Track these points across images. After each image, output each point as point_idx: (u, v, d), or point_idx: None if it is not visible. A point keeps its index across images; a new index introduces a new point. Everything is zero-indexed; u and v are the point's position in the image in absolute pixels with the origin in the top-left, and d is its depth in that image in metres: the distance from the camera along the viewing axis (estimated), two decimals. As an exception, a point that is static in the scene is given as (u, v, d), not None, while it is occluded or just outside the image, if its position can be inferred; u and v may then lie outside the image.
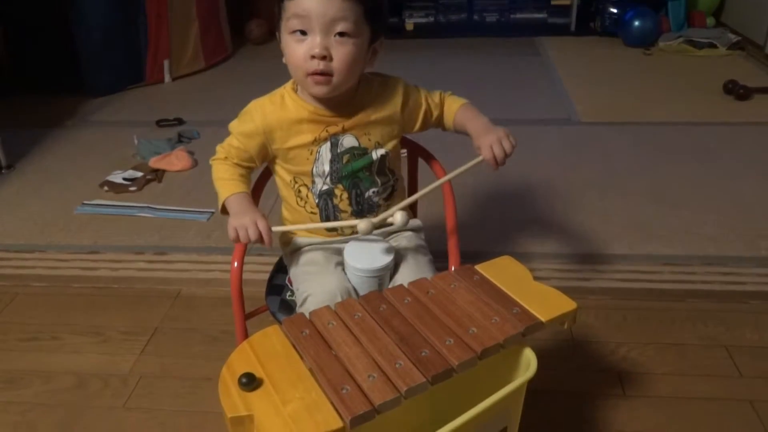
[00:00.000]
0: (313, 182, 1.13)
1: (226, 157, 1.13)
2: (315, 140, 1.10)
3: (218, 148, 1.15)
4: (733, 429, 1.26)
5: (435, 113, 1.20)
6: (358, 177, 1.13)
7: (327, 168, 1.11)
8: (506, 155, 1.08)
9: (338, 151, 1.11)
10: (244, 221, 1.04)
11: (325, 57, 1.01)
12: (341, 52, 1.01)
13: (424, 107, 1.19)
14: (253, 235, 1.03)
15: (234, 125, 1.13)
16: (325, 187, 1.13)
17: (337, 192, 1.13)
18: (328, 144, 1.10)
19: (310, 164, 1.11)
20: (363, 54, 1.05)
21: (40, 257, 1.91)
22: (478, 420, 0.79)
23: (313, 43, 1.00)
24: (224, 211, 1.11)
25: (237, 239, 1.04)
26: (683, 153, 2.44)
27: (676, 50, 3.70)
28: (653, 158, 2.40)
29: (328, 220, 1.15)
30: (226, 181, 1.11)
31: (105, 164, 2.48)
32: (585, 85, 3.26)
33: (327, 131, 1.10)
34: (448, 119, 1.21)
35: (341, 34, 1.00)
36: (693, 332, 1.52)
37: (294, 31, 1.01)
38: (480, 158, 1.10)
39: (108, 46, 3.22)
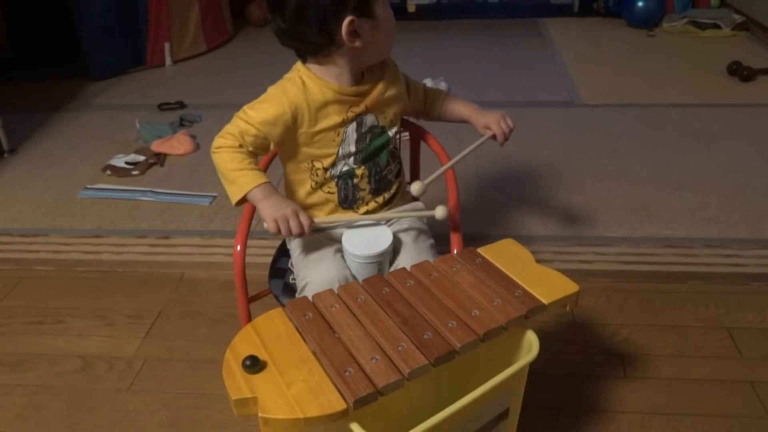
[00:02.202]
0: (334, 164, 1.12)
1: (240, 145, 1.05)
2: (343, 121, 1.09)
3: (223, 138, 1.07)
4: (734, 410, 1.27)
5: (419, 97, 1.25)
6: (379, 156, 1.15)
7: (353, 148, 1.12)
8: (511, 130, 1.19)
9: (362, 130, 1.12)
10: (285, 213, 1.02)
11: None
12: None
13: (412, 89, 1.23)
14: (296, 228, 1.02)
15: (252, 115, 1.06)
16: (346, 168, 1.13)
17: (358, 172, 1.14)
18: (354, 124, 1.11)
19: (336, 146, 1.11)
20: None
21: (44, 241, 1.91)
22: (480, 402, 0.79)
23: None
24: (241, 201, 1.06)
25: (278, 232, 1.02)
26: (686, 135, 2.43)
27: (680, 31, 3.67)
28: (656, 140, 2.39)
29: (346, 199, 1.16)
30: (246, 171, 1.05)
31: (107, 148, 2.48)
32: (588, 67, 3.24)
33: (352, 111, 1.10)
34: (436, 105, 1.26)
35: None
36: (694, 314, 1.52)
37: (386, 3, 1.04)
38: (490, 134, 1.19)
39: (108, 28, 3.20)
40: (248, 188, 1.04)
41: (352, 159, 1.12)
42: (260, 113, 1.06)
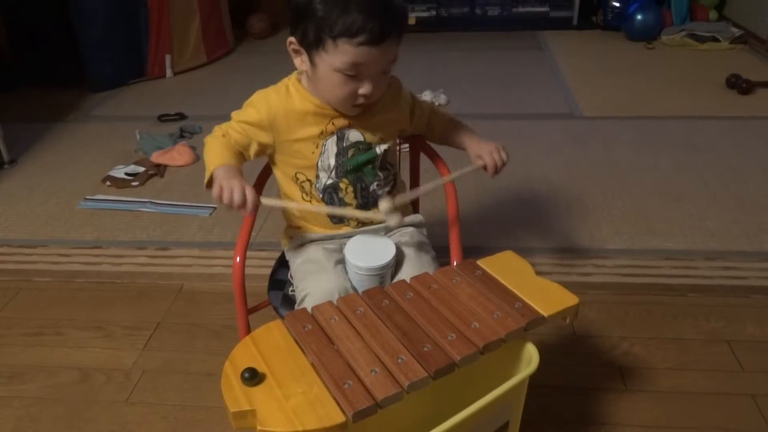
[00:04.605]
0: (317, 176, 1.13)
1: (223, 135, 1.11)
2: (322, 133, 1.10)
3: (216, 128, 1.14)
4: (735, 423, 1.26)
5: (423, 120, 1.24)
6: (363, 171, 1.14)
7: (332, 162, 1.11)
8: (504, 164, 1.17)
9: (344, 144, 1.11)
10: (232, 183, 1.01)
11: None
12: (383, 84, 1.07)
13: (417, 112, 1.22)
14: (237, 198, 0.99)
15: (237, 113, 1.12)
16: (330, 181, 1.13)
17: (342, 186, 1.13)
18: (335, 137, 1.11)
19: (315, 158, 1.11)
20: None
21: (43, 252, 1.91)
22: (480, 415, 0.79)
23: (365, 87, 1.02)
24: (210, 184, 1.06)
25: (221, 199, 1.00)
26: (685, 147, 2.43)
27: (679, 44, 3.69)
28: (655, 152, 2.40)
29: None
30: (219, 155, 1.08)
31: (107, 159, 2.48)
32: (587, 80, 3.25)
33: (333, 124, 1.10)
34: (437, 128, 1.26)
35: (385, 72, 1.05)
36: (694, 327, 1.52)
37: (342, 72, 1.00)
38: (480, 164, 1.17)
39: (109, 40, 3.22)
40: (215, 165, 1.05)
41: (333, 172, 1.12)
42: (244, 114, 1.12)
